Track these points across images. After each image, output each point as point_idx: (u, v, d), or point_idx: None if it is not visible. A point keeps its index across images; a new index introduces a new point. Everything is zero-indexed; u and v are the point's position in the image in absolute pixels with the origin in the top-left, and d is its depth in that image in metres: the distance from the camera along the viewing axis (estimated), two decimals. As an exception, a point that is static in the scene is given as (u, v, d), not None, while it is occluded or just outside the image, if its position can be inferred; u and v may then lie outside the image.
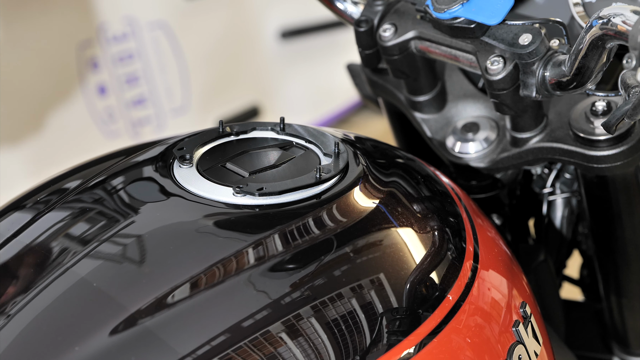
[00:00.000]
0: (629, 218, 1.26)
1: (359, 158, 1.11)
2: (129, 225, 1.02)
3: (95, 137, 2.97)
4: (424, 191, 1.13)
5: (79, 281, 0.96)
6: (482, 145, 1.27)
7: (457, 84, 1.32)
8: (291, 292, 0.94)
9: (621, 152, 1.17)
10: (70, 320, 0.93)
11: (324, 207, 1.03)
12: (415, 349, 0.94)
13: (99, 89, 2.96)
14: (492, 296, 1.05)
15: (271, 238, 0.99)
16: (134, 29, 3.00)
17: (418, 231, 1.05)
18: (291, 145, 1.13)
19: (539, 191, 1.37)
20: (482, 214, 1.18)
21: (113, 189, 1.07)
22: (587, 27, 1.04)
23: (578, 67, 1.07)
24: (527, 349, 1.04)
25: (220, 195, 1.03)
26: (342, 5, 1.30)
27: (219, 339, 0.90)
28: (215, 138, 1.13)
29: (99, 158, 1.16)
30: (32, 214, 1.05)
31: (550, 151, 1.21)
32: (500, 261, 1.10)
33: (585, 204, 1.27)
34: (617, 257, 1.30)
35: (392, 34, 1.23)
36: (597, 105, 1.18)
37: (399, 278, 0.99)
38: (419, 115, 1.31)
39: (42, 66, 2.85)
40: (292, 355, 0.91)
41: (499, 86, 1.13)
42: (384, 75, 1.34)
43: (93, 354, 0.89)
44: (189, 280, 0.94)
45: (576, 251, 1.46)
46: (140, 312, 0.91)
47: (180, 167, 1.08)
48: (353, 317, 0.95)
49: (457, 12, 1.13)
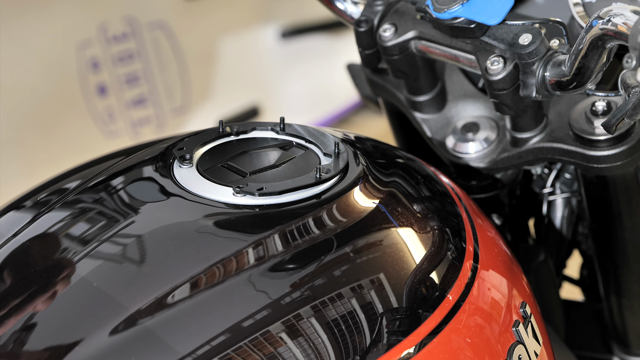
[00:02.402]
0: (629, 218, 1.26)
1: (359, 158, 1.11)
2: (129, 225, 1.02)
3: (95, 137, 2.97)
4: (424, 191, 1.13)
5: (79, 281, 0.96)
6: (482, 145, 1.27)
7: (457, 84, 1.32)
8: (291, 292, 0.94)
9: (621, 152, 1.17)
10: (70, 320, 0.93)
11: (324, 207, 1.03)
12: (415, 349, 0.94)
13: (99, 89, 2.96)
14: (492, 296, 1.05)
15: (271, 238, 0.99)
16: (134, 29, 3.00)
17: (418, 231, 1.05)
18: (291, 145, 1.13)
19: (539, 191, 1.37)
20: (482, 214, 1.18)
21: (113, 189, 1.07)
22: (587, 27, 1.04)
23: (578, 67, 1.07)
24: (527, 349, 1.04)
25: (220, 195, 1.03)
26: (342, 5, 1.30)
27: (219, 339, 0.90)
28: (215, 138, 1.13)
29: (99, 158, 1.16)
30: (32, 214, 1.05)
31: (550, 151, 1.21)
32: (500, 261, 1.10)
33: (585, 204, 1.27)
34: (617, 257, 1.30)
35: (392, 34, 1.23)
36: (597, 105, 1.18)
37: (399, 278, 0.99)
38: (419, 115, 1.31)
39: (42, 66, 2.85)
40: (292, 355, 0.91)
41: (499, 86, 1.13)
42: (384, 75, 1.34)
43: (93, 354, 0.89)
44: (189, 280, 0.94)
45: (576, 251, 1.46)
46: (140, 312, 0.91)
47: (180, 167, 1.08)
48: (353, 317, 0.95)
49: (457, 12, 1.13)
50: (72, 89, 2.91)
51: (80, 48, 2.90)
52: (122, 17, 2.97)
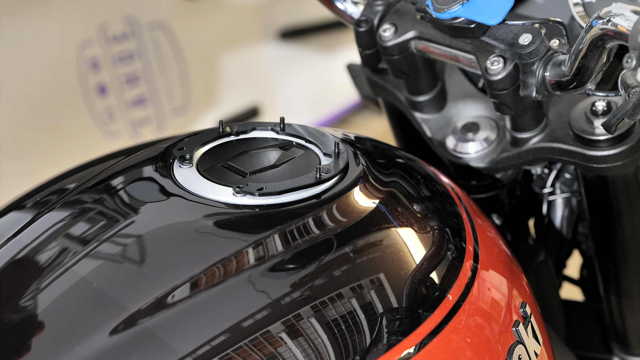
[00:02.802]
0: (629, 218, 1.26)
1: (359, 158, 1.11)
2: (129, 225, 1.02)
3: (95, 137, 2.97)
4: (424, 191, 1.13)
5: (79, 281, 0.96)
6: (482, 145, 1.27)
7: (457, 84, 1.32)
8: (291, 292, 0.94)
9: (621, 152, 1.17)
10: (70, 320, 0.93)
11: (324, 207, 1.03)
12: (415, 349, 0.94)
13: (99, 89, 2.97)
14: (492, 296, 1.05)
15: (271, 238, 0.99)
16: (134, 29, 3.00)
17: (418, 231, 1.05)
18: (291, 145, 1.13)
19: (539, 191, 1.37)
20: (482, 214, 1.18)
21: (113, 189, 1.07)
22: (587, 27, 1.04)
23: (578, 67, 1.07)
24: (527, 349, 1.04)
25: (220, 195, 1.03)
26: (342, 5, 1.30)
27: (219, 339, 0.90)
28: (215, 138, 1.13)
29: (99, 158, 1.16)
30: (32, 214, 1.05)
31: (550, 151, 1.21)
32: (500, 261, 1.10)
33: (585, 204, 1.27)
34: (617, 257, 1.30)
35: (392, 34, 1.23)
36: (597, 105, 1.18)
37: (399, 278, 0.99)
38: (419, 115, 1.31)
39: (42, 66, 2.85)
40: (292, 355, 0.91)
41: (499, 86, 1.13)
42: (384, 75, 1.34)
43: (93, 354, 0.89)
44: (189, 280, 0.94)
45: (576, 251, 1.46)
46: (140, 312, 0.91)
47: (180, 167, 1.08)
48: (353, 317, 0.95)
49: (457, 12, 1.13)
50: (72, 89, 2.91)
51: (80, 48, 2.90)
52: (122, 17, 2.97)
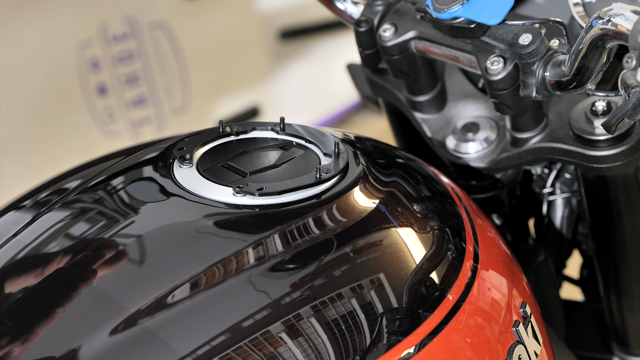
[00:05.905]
0: (629, 218, 1.26)
1: (359, 158, 1.11)
2: (129, 225, 1.02)
3: (95, 137, 2.97)
4: (424, 191, 1.13)
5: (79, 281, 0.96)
6: (482, 145, 1.27)
7: (457, 84, 1.32)
8: (291, 292, 0.94)
9: (621, 152, 1.17)
10: (71, 320, 0.93)
11: (324, 207, 1.03)
12: (415, 349, 0.94)
13: (99, 89, 2.97)
14: (492, 296, 1.05)
15: (271, 238, 0.99)
16: (134, 29, 3.00)
17: (418, 231, 1.05)
18: (291, 145, 1.13)
19: (539, 191, 1.37)
20: (482, 214, 1.18)
21: (113, 189, 1.07)
22: (587, 27, 1.04)
23: (578, 67, 1.07)
24: (527, 349, 1.04)
25: (220, 195, 1.03)
26: (342, 5, 1.30)
27: (219, 339, 0.90)
28: (215, 138, 1.13)
29: (99, 158, 1.16)
30: (32, 214, 1.05)
31: (550, 151, 1.21)
32: (500, 261, 1.10)
33: (585, 204, 1.27)
34: (617, 257, 1.30)
35: (392, 34, 1.23)
36: (597, 105, 1.18)
37: (399, 278, 0.99)
38: (419, 115, 1.31)
39: (42, 66, 2.85)
40: (292, 355, 0.91)
41: (499, 86, 1.13)
42: (384, 75, 1.34)
43: (93, 354, 0.89)
44: (189, 280, 0.94)
45: (576, 251, 1.46)
46: (140, 312, 0.91)
47: (180, 167, 1.08)
48: (353, 317, 0.95)
49: (457, 12, 1.13)
50: (72, 89, 2.91)
51: (80, 48, 2.90)
52: (122, 17, 2.97)
